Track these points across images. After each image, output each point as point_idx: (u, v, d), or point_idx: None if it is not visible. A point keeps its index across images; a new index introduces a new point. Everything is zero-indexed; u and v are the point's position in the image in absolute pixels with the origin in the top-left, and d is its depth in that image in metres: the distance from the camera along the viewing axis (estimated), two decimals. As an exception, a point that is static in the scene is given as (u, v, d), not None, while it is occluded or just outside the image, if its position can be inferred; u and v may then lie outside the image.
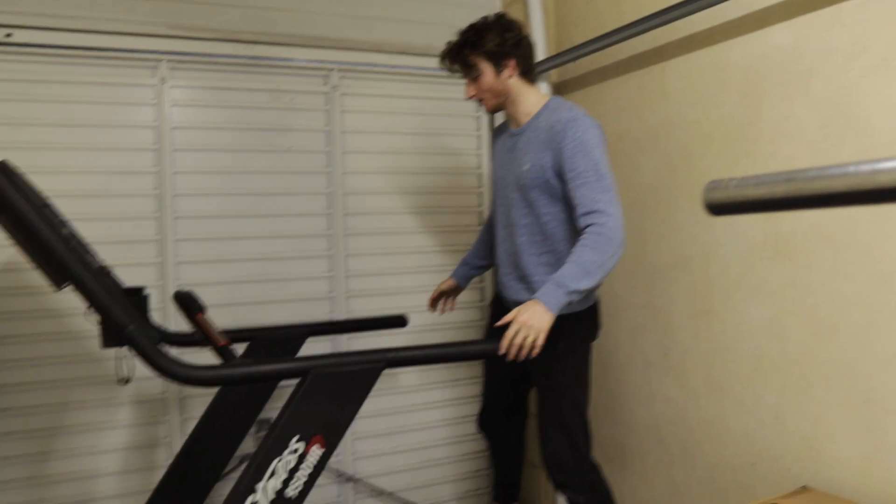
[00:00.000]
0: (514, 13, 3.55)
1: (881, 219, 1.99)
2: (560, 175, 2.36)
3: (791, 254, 2.26)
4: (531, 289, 2.47)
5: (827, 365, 2.16)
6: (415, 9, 3.50)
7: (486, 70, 2.48)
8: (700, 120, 2.60)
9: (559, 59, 3.19)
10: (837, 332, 2.12)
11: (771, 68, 2.31)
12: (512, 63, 2.47)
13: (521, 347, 2.15)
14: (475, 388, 3.64)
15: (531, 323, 2.14)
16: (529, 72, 2.54)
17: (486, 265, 3.05)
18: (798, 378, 2.25)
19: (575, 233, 2.37)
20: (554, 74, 3.41)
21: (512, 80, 2.49)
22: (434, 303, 3.07)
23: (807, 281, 2.21)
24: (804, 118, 2.20)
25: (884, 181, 0.62)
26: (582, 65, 3.22)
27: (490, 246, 2.94)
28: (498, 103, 2.54)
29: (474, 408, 3.62)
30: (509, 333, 2.16)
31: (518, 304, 2.36)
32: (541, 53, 3.36)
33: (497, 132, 2.77)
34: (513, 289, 2.60)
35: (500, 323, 2.21)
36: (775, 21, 2.29)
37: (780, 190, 0.72)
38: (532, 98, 2.53)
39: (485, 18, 2.52)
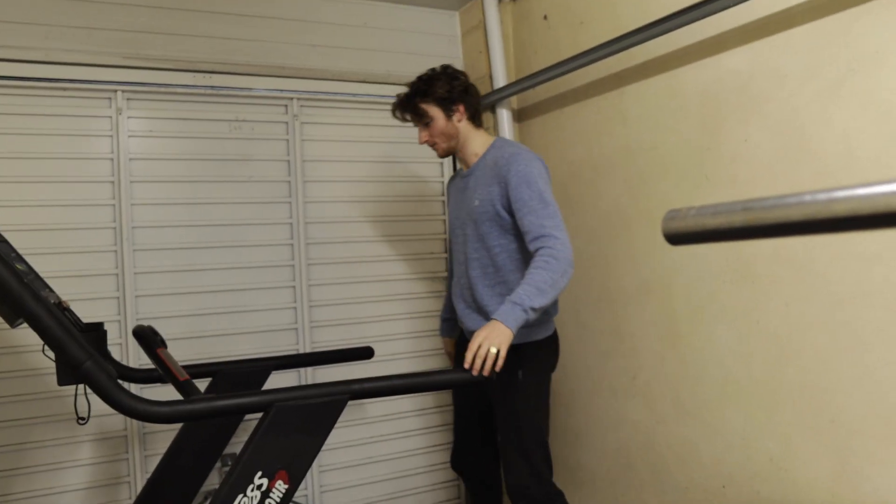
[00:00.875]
0: (474, 41, 3.58)
1: (836, 242, 2.01)
2: (507, 207, 2.48)
3: (753, 277, 2.28)
4: (481, 311, 2.60)
5: (792, 386, 2.17)
6: (375, 37, 3.51)
7: (437, 115, 2.61)
8: (658, 145, 2.63)
9: (518, 85, 3.21)
10: (801, 354, 2.14)
11: (727, 93, 2.34)
12: (461, 108, 2.62)
13: (485, 361, 2.17)
14: (444, 417, 3.61)
15: (491, 337, 2.18)
16: (477, 116, 2.68)
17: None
18: (764, 400, 2.26)
19: (524, 264, 2.49)
20: (514, 101, 3.43)
21: (461, 123, 2.63)
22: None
23: (769, 303, 2.23)
24: (761, 142, 2.23)
25: (839, 210, 0.62)
26: (541, 91, 3.24)
27: None
28: (449, 146, 2.67)
29: (444, 437, 3.60)
30: (472, 347, 2.18)
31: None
32: (500, 80, 3.39)
33: (451, 180, 2.89)
34: (471, 319, 2.66)
35: (467, 351, 2.22)
36: (730, 46, 2.32)
37: (737, 219, 0.72)
38: (480, 139, 2.67)
39: (432, 70, 2.67)
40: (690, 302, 2.53)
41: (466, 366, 2.19)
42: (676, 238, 0.80)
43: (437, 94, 2.59)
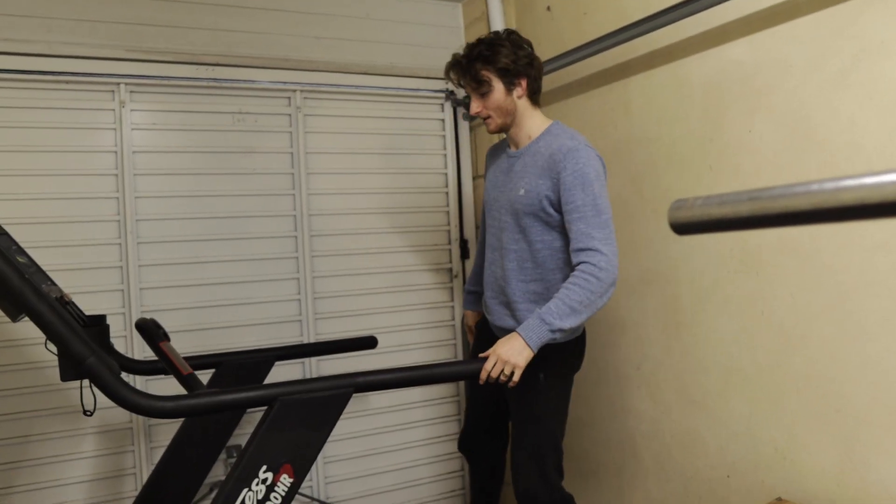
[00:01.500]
0: (477, 32, 3.56)
1: (842, 232, 2.01)
2: (555, 204, 2.30)
3: (758, 267, 2.27)
4: (514, 316, 2.44)
5: (798, 375, 2.17)
6: (377, 29, 3.51)
7: (497, 87, 2.38)
8: (663, 136, 2.62)
9: (523, 76, 3.19)
10: (807, 343, 2.14)
11: (731, 83, 2.33)
12: (523, 83, 2.40)
13: (500, 375, 2.15)
14: (449, 408, 3.62)
15: (508, 358, 2.12)
16: (537, 94, 2.47)
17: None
18: (770, 389, 2.26)
19: (568, 263, 2.33)
20: (518, 92, 3.42)
21: (521, 100, 2.42)
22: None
23: (774, 293, 2.22)
24: (765, 133, 2.22)
25: (847, 199, 0.62)
26: (545, 82, 3.20)
27: None
28: (504, 123, 2.45)
29: (449, 427, 3.60)
30: (487, 366, 2.15)
31: (501, 329, 2.44)
32: (504, 71, 3.37)
33: (493, 151, 2.69)
34: (497, 314, 2.54)
35: (483, 355, 2.19)
36: (734, 37, 2.31)
37: (744, 209, 0.71)
38: (536, 121, 2.46)
39: (496, 33, 2.44)
40: (695, 292, 2.53)
41: (482, 380, 2.16)
42: (682, 228, 0.79)
43: (500, 62, 2.34)
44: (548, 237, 2.37)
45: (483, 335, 2.70)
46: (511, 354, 2.12)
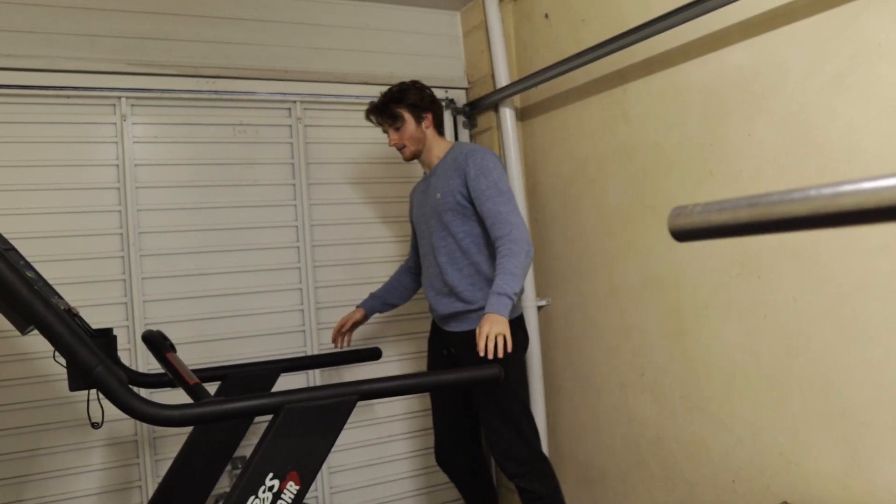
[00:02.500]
0: (476, 41, 3.58)
1: (842, 235, 2.01)
2: (467, 196, 2.72)
3: (759, 271, 2.28)
4: (461, 299, 2.78)
5: (801, 379, 2.17)
6: (376, 39, 3.52)
7: (409, 120, 2.84)
8: (662, 141, 2.63)
9: (521, 84, 3.21)
10: (809, 347, 2.14)
11: (730, 88, 2.34)
12: (429, 116, 2.87)
13: (496, 348, 2.43)
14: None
15: (495, 328, 2.44)
16: (440, 125, 2.94)
17: (394, 305, 3.23)
18: (773, 393, 2.26)
19: (488, 246, 2.75)
20: (517, 100, 3.44)
21: (428, 130, 2.88)
22: (341, 336, 3.12)
23: (776, 297, 2.23)
24: (765, 137, 2.23)
25: (845, 204, 0.63)
26: (544, 90, 3.24)
27: (403, 289, 3.20)
28: (416, 150, 2.88)
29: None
30: (481, 338, 2.42)
31: (451, 315, 2.81)
32: (503, 79, 3.39)
33: (415, 188, 3.07)
34: (444, 304, 2.84)
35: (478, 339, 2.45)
36: (733, 41, 2.32)
37: (743, 215, 0.72)
38: (442, 145, 2.92)
39: (402, 83, 2.90)
40: (697, 296, 2.53)
41: (481, 353, 2.41)
42: (683, 235, 0.80)
43: (409, 100, 2.83)
44: (467, 227, 2.76)
45: (436, 345, 3.02)
46: (494, 325, 2.44)
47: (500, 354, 2.43)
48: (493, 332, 2.43)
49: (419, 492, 3.55)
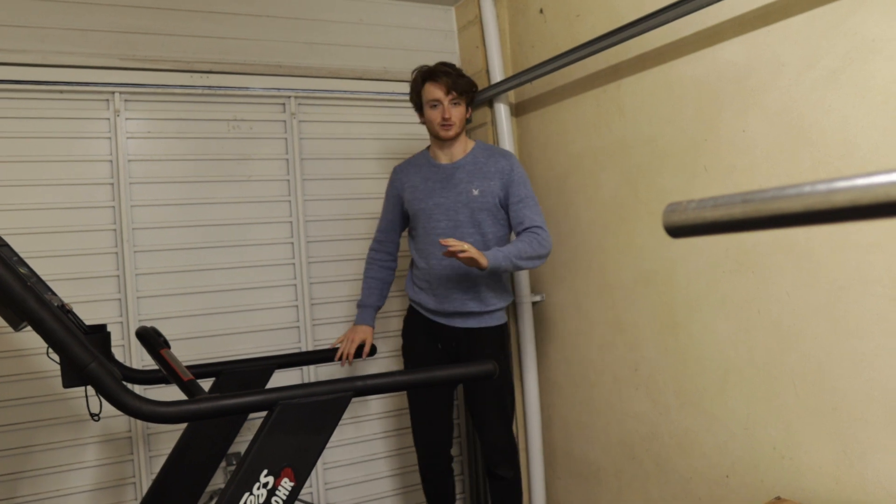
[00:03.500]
0: (470, 36, 3.58)
1: (836, 231, 2.02)
2: (503, 202, 2.87)
3: (753, 266, 2.28)
4: (481, 300, 2.89)
5: (794, 374, 2.18)
6: (371, 34, 3.52)
7: (463, 104, 2.92)
8: (657, 137, 2.63)
9: (516, 80, 3.21)
10: (803, 342, 2.14)
11: (725, 83, 2.34)
12: (470, 110, 3.01)
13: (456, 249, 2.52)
14: (446, 411, 3.61)
15: (473, 254, 2.53)
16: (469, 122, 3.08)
17: (382, 305, 3.19)
18: (767, 388, 2.27)
19: None
20: (511, 95, 3.44)
21: (465, 122, 2.99)
22: (346, 354, 2.98)
23: (770, 292, 2.23)
24: (759, 132, 2.23)
25: (839, 201, 0.63)
26: (539, 85, 3.24)
27: (386, 286, 3.16)
28: (457, 133, 2.91)
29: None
30: (455, 245, 2.51)
31: (463, 313, 2.88)
32: (497, 75, 3.39)
33: (405, 168, 3.05)
34: (459, 301, 2.90)
35: (449, 244, 2.53)
36: (727, 37, 2.32)
37: (737, 211, 0.72)
38: (466, 141, 3.00)
39: (453, 66, 2.96)
40: (691, 292, 2.53)
41: (451, 246, 2.51)
42: (677, 231, 0.80)
43: (473, 92, 2.96)
44: (495, 229, 2.89)
45: (424, 337, 3.01)
46: (475, 254, 2.53)
47: (460, 256, 2.52)
48: (469, 252, 2.52)
49: (414, 488, 3.55)
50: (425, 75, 2.90)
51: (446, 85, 2.85)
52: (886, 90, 1.88)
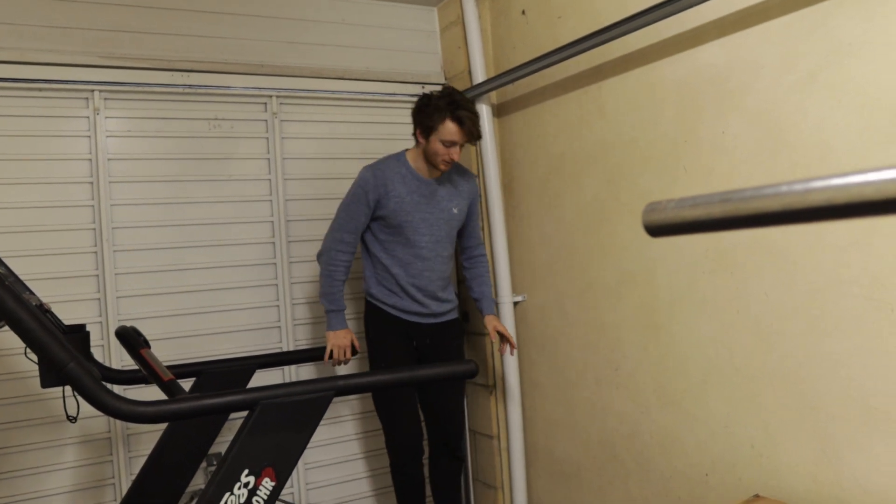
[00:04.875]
0: (452, 36, 3.58)
1: (813, 232, 2.04)
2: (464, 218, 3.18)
3: (732, 267, 2.30)
4: (448, 300, 3.17)
5: (773, 373, 2.20)
6: (353, 34, 3.51)
7: None
8: (638, 138, 2.65)
9: (498, 80, 3.22)
10: (782, 341, 2.17)
11: (705, 85, 2.36)
12: None
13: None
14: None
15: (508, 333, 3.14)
16: None
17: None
18: (746, 388, 2.29)
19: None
20: (493, 96, 3.44)
21: None
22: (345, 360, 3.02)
23: (749, 292, 2.26)
24: (739, 134, 2.25)
25: (816, 200, 0.64)
26: (521, 86, 3.25)
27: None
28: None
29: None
30: (504, 329, 3.14)
31: (435, 314, 3.11)
32: (479, 76, 3.40)
33: (394, 176, 2.98)
34: (437, 304, 3.11)
35: (497, 330, 3.14)
36: (708, 39, 2.34)
37: (716, 210, 0.73)
38: None
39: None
40: (671, 292, 2.55)
41: (504, 348, 3.12)
42: (657, 230, 0.81)
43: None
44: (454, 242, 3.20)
45: (399, 338, 3.10)
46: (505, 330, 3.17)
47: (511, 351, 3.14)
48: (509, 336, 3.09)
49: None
50: (453, 113, 2.83)
51: (467, 134, 2.86)
52: (862, 93, 1.91)
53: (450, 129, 2.83)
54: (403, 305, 3.05)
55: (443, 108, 2.83)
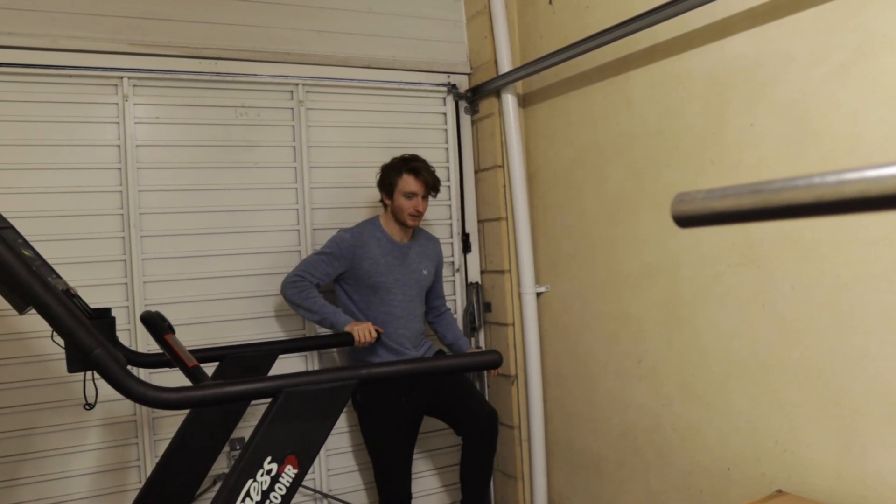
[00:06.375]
0: (479, 26, 3.57)
1: (842, 226, 2.02)
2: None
3: (759, 260, 2.28)
4: (424, 345, 3.31)
5: (798, 368, 2.18)
6: (379, 23, 3.51)
7: (428, 200, 3.18)
8: (664, 129, 2.62)
9: (523, 70, 3.21)
10: (807, 336, 2.15)
11: (734, 77, 2.34)
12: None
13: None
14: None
15: None
16: None
17: None
18: (770, 382, 2.27)
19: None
20: (519, 86, 3.43)
21: None
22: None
23: (775, 286, 2.23)
24: (768, 126, 2.23)
25: (849, 192, 0.63)
26: (547, 76, 3.24)
27: None
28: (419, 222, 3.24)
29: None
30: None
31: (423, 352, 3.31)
32: (505, 65, 3.38)
33: (369, 239, 3.14)
34: (414, 351, 3.23)
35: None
36: (737, 30, 2.32)
37: (746, 202, 0.72)
38: None
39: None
40: (696, 285, 2.54)
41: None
42: (685, 220, 0.80)
43: (438, 187, 3.21)
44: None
45: (382, 399, 3.12)
46: None
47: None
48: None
49: (418, 475, 3.56)
50: (407, 167, 3.09)
51: (425, 183, 3.10)
52: (895, 86, 1.88)
53: (407, 181, 3.08)
54: (385, 358, 3.10)
55: (398, 166, 3.11)
